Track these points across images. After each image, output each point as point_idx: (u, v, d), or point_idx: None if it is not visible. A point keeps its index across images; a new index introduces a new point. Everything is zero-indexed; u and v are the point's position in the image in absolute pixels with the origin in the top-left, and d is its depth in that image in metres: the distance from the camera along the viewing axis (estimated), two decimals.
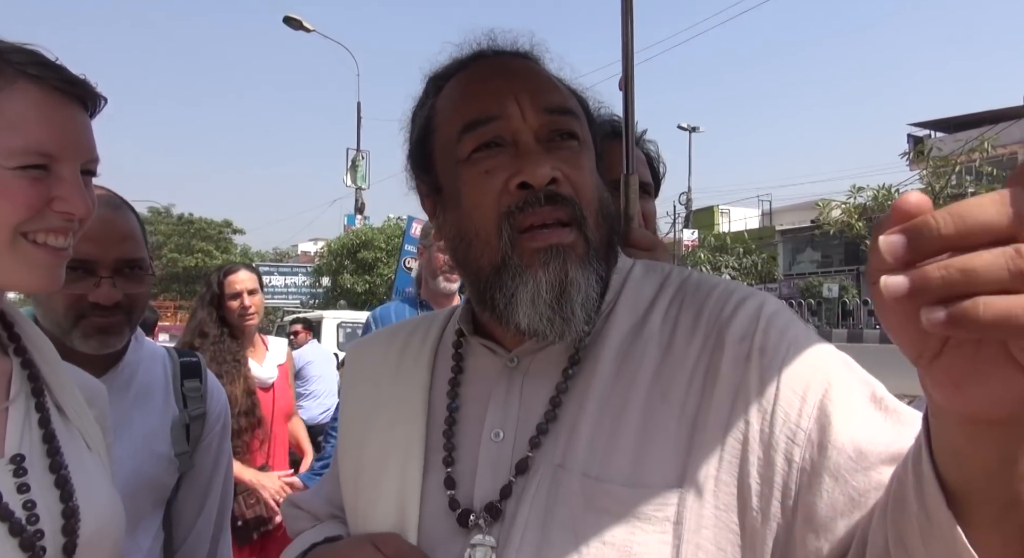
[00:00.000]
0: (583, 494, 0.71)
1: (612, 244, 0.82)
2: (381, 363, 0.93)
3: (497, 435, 0.79)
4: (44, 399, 0.89)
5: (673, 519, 0.68)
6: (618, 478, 0.71)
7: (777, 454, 0.68)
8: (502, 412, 0.80)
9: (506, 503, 0.75)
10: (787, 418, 0.69)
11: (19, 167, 0.80)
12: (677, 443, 0.71)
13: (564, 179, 0.76)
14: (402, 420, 0.85)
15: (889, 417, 0.69)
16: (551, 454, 0.75)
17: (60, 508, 0.83)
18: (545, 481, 0.74)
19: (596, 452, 0.73)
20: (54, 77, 0.83)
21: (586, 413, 0.75)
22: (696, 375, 0.74)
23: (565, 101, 0.81)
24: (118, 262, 1.24)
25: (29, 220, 0.81)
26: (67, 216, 0.84)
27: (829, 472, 0.66)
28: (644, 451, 0.71)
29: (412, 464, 0.81)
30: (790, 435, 0.68)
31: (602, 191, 0.80)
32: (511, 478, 0.76)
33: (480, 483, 0.78)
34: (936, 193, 17.15)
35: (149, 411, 1.35)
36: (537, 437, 0.76)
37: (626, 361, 0.77)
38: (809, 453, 0.67)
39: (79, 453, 0.90)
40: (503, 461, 0.78)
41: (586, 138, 0.81)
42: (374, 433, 0.87)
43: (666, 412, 0.73)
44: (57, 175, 0.83)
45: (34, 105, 0.81)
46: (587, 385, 0.77)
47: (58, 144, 0.82)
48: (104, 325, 1.24)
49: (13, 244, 0.81)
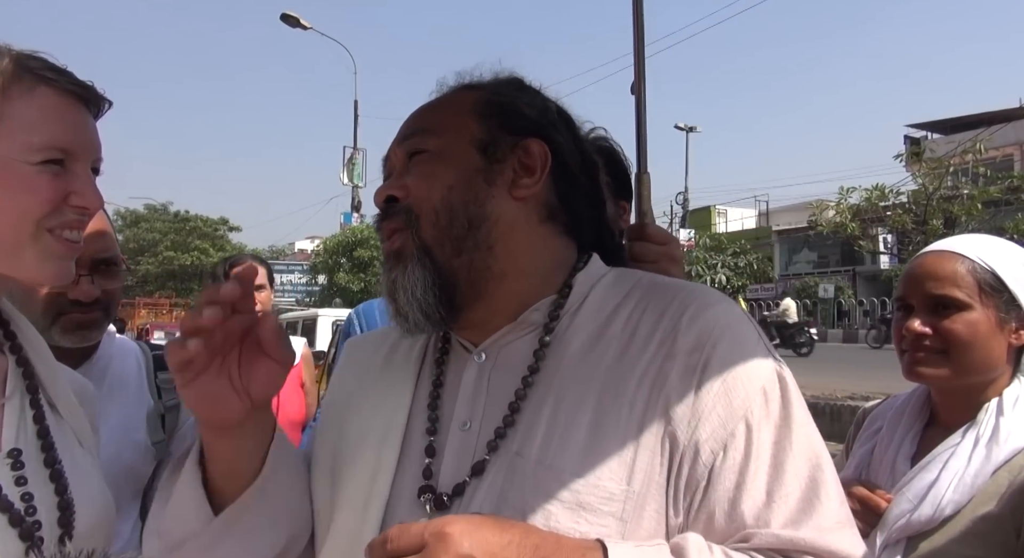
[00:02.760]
0: (535, 480, 0.76)
1: (462, 236, 0.84)
2: (372, 355, 0.98)
3: (465, 425, 0.84)
4: (38, 396, 0.92)
5: (618, 515, 0.74)
6: (568, 468, 0.75)
7: (698, 466, 0.75)
8: (470, 404, 0.86)
9: (467, 488, 0.80)
10: (711, 434, 0.75)
11: (41, 163, 0.85)
12: (625, 441, 0.76)
13: (404, 193, 0.86)
14: (386, 408, 0.90)
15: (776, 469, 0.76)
16: (511, 443, 0.80)
17: (56, 501, 0.86)
18: (503, 468, 0.79)
19: (551, 443, 0.78)
20: (67, 81, 0.89)
21: (545, 407, 0.80)
22: (646, 378, 0.78)
23: (418, 123, 0.91)
24: (95, 260, 1.30)
25: (49, 215, 0.86)
26: (82, 210, 0.88)
27: (737, 494, 0.74)
28: (595, 446, 0.76)
29: (388, 449, 0.86)
30: (713, 451, 0.75)
31: (457, 192, 0.84)
32: (472, 465, 0.80)
33: (446, 469, 0.82)
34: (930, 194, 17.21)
35: (124, 401, 1.40)
36: (502, 428, 0.81)
37: (586, 360, 0.82)
38: (722, 472, 0.75)
39: (72, 449, 0.93)
40: (468, 449, 0.83)
41: (439, 146, 0.87)
42: (357, 418, 0.92)
43: (617, 411, 0.77)
44: (72, 172, 0.88)
45: (52, 107, 0.87)
46: (549, 381, 0.82)
47: (73, 142, 0.88)
48: (84, 321, 1.29)
49: (36, 238, 0.86)
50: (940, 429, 1.26)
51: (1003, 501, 1.12)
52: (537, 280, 0.88)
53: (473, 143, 0.87)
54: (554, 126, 0.90)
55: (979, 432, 1.19)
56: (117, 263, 1.35)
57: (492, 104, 0.89)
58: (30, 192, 0.84)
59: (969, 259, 1.23)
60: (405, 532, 0.64)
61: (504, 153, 0.87)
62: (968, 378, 1.22)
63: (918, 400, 1.33)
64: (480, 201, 0.85)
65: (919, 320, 1.24)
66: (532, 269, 0.87)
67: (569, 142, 0.91)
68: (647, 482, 0.74)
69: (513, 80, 0.94)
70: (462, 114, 0.89)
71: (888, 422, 1.34)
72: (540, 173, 0.87)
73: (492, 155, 0.86)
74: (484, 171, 0.86)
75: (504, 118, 0.88)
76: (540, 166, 0.87)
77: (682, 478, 0.75)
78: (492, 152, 0.86)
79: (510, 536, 0.65)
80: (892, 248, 20.78)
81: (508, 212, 0.86)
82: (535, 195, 0.87)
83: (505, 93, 0.91)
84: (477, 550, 0.63)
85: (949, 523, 1.15)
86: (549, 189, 0.88)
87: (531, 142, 0.87)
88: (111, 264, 1.33)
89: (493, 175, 0.86)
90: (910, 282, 1.28)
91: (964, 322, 1.20)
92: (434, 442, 0.85)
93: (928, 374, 1.24)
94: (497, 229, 0.85)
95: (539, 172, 0.87)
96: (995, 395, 1.21)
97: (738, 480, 0.74)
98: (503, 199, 0.86)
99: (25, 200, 0.84)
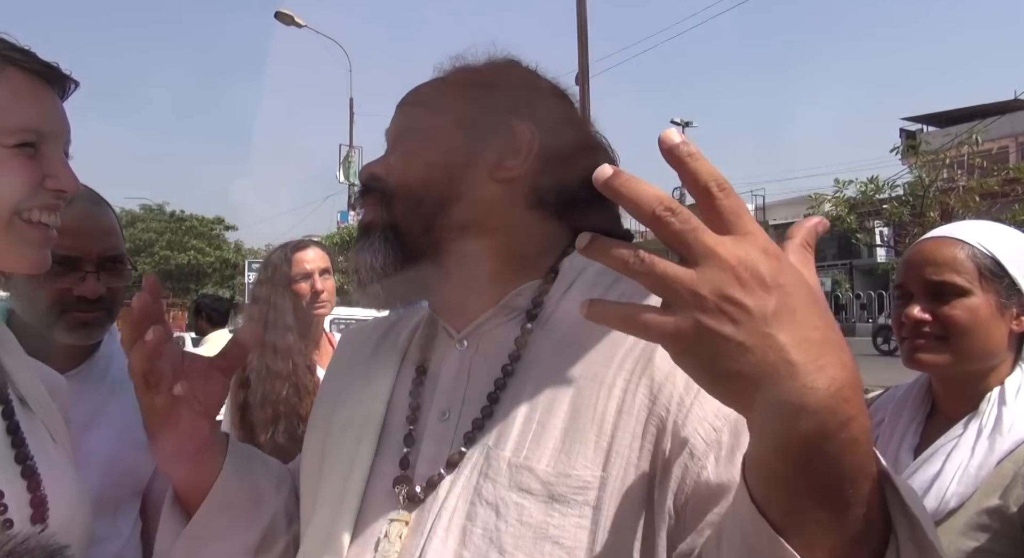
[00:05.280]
0: (509, 474, 0.74)
1: (433, 213, 0.83)
2: (364, 343, 0.98)
3: (444, 415, 0.83)
4: (7, 391, 0.90)
5: (593, 504, 0.70)
6: (542, 461, 0.73)
7: (685, 451, 0.70)
8: (450, 393, 0.84)
9: (442, 481, 0.78)
10: (703, 417, 0.70)
11: (16, 146, 0.83)
12: (603, 425, 0.73)
13: (386, 170, 0.86)
14: (367, 397, 0.88)
15: None
16: (488, 436, 0.78)
17: (28, 498, 0.84)
18: (480, 460, 0.77)
19: (526, 435, 0.75)
20: (35, 63, 0.87)
21: (524, 396, 0.78)
22: (628, 359, 0.75)
23: (408, 100, 0.91)
24: (101, 257, 1.29)
25: (25, 198, 0.84)
26: (59, 193, 0.87)
27: (730, 478, 0.68)
28: (570, 434, 0.74)
29: (366, 440, 0.85)
30: (705, 436, 0.70)
31: (434, 170, 0.84)
32: (448, 457, 0.79)
33: (423, 460, 0.81)
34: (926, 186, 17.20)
35: (125, 400, 1.36)
36: (480, 419, 0.79)
37: (569, 347, 0.79)
38: (715, 455, 0.69)
39: (44, 445, 0.91)
40: (446, 440, 0.81)
41: (423, 124, 0.87)
42: (341, 410, 0.91)
43: (595, 394, 0.75)
44: (45, 154, 0.86)
45: (22, 89, 0.85)
46: (529, 369, 0.80)
47: (45, 124, 0.86)
48: (88, 319, 1.29)
49: (10, 223, 0.84)
50: (942, 419, 1.25)
51: (1008, 493, 1.11)
52: (520, 264, 0.85)
53: (457, 122, 0.85)
54: (546, 108, 0.87)
55: (982, 422, 1.18)
56: (123, 261, 1.35)
57: (478, 83, 0.88)
58: (6, 175, 0.82)
59: (969, 244, 1.22)
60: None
61: (488, 133, 0.84)
62: (969, 364, 1.21)
63: (919, 391, 1.32)
64: (456, 180, 0.83)
65: (918, 306, 1.23)
66: (514, 253, 0.85)
67: (564, 125, 0.88)
68: (626, 466, 0.71)
69: (506, 61, 0.92)
70: (448, 93, 0.88)
71: (890, 414, 1.33)
72: (525, 156, 0.84)
73: (475, 135, 0.85)
74: (465, 151, 0.84)
75: (490, 98, 0.86)
76: (526, 149, 0.84)
77: (671, 464, 0.70)
78: (475, 132, 0.85)
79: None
80: (889, 241, 20.78)
81: (487, 194, 0.83)
82: (520, 178, 0.84)
83: (493, 72, 0.89)
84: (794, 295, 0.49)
85: (954, 516, 1.14)
86: (539, 173, 0.84)
87: (517, 123, 0.84)
88: (117, 262, 1.33)
89: (474, 156, 0.84)
90: (909, 268, 1.27)
91: (964, 308, 1.19)
92: (413, 431, 0.84)
93: (928, 361, 1.22)
94: (473, 210, 0.83)
95: (524, 154, 0.84)
96: (997, 384, 1.21)
97: (731, 466, 0.69)
98: (483, 180, 0.84)
99: (2, 183, 0.82)
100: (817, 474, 0.50)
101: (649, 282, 0.49)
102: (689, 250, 0.48)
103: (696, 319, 0.47)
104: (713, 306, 0.47)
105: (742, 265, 0.47)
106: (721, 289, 0.47)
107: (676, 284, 0.47)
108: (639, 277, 0.49)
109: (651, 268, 0.48)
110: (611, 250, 0.49)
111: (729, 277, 0.47)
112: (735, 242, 0.48)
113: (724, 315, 0.47)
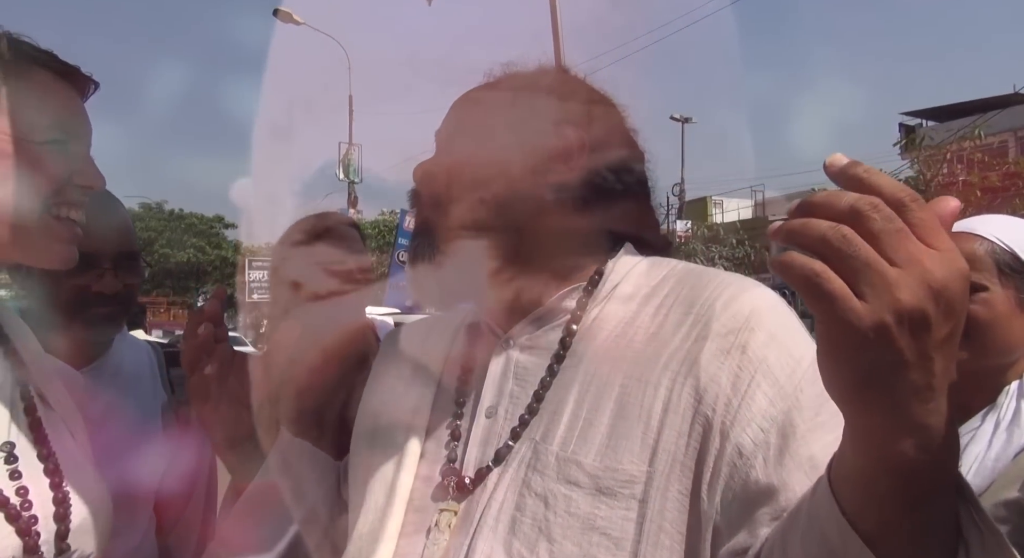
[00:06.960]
0: (556, 467, 0.76)
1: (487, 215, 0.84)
2: (411, 337, 1.01)
3: (491, 412, 0.85)
4: (28, 389, 0.91)
5: (639, 497, 0.72)
6: (589, 455, 0.75)
7: (733, 450, 0.72)
8: (497, 391, 0.86)
9: (490, 473, 0.80)
10: (751, 418, 0.72)
11: (47, 142, 0.86)
12: (649, 422, 0.75)
13: (438, 169, 0.89)
14: (416, 394, 0.91)
15: None
16: (534, 431, 0.80)
17: (51, 495, 0.85)
18: (528, 454, 0.79)
19: (573, 431, 0.78)
20: (59, 64, 0.91)
21: (570, 395, 0.80)
22: (674, 359, 0.77)
23: (460, 104, 0.93)
24: (118, 254, 1.32)
25: (54, 194, 0.86)
26: (86, 189, 0.89)
27: (780, 479, 0.69)
28: (617, 431, 0.76)
29: (414, 434, 0.87)
30: (753, 436, 0.71)
31: (487, 173, 0.85)
32: (496, 451, 0.81)
33: (470, 455, 0.83)
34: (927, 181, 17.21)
35: (138, 396, 1.42)
36: (526, 416, 0.82)
37: (614, 348, 0.81)
38: (763, 456, 0.71)
39: (64, 441, 0.92)
40: (492, 436, 0.83)
41: (476, 128, 0.89)
42: (390, 404, 0.93)
43: (641, 392, 0.76)
44: (71, 151, 0.89)
45: (50, 88, 0.89)
46: (575, 369, 0.82)
47: (72, 121, 0.90)
48: (106, 314, 1.31)
49: (40, 220, 0.86)
50: (960, 413, 1.26)
51: None
52: (567, 267, 0.87)
53: (508, 126, 0.87)
54: (595, 115, 0.90)
55: (1000, 415, 1.18)
56: (138, 259, 1.38)
57: (528, 88, 0.90)
58: (37, 171, 0.84)
59: (987, 240, 1.22)
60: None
61: (538, 138, 0.86)
62: (987, 360, 1.21)
63: None
64: (507, 184, 0.85)
65: None
66: (561, 255, 0.87)
67: (613, 132, 0.90)
68: (671, 462, 0.73)
69: (555, 68, 0.94)
70: (500, 97, 0.90)
71: None
72: (575, 161, 0.86)
73: (525, 139, 0.86)
74: (515, 155, 0.86)
75: (540, 103, 0.88)
76: (575, 154, 0.86)
77: (720, 462, 0.72)
78: (526, 136, 0.86)
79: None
80: None
81: (537, 198, 0.85)
82: (569, 183, 0.86)
83: (544, 78, 0.91)
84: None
85: None
86: (587, 178, 0.86)
87: (567, 129, 0.86)
88: (132, 259, 1.36)
89: (524, 160, 0.86)
90: None
91: (982, 303, 1.19)
92: (460, 427, 0.86)
93: None
94: (522, 213, 0.85)
95: (574, 160, 0.86)
96: (1015, 378, 1.21)
97: (780, 467, 0.71)
98: (533, 184, 0.85)
99: (34, 178, 0.84)
100: (919, 491, 0.52)
101: (847, 265, 0.46)
102: (894, 253, 0.46)
103: (883, 319, 0.46)
104: (905, 313, 0.46)
105: (942, 285, 0.47)
106: (918, 302, 0.46)
107: (878, 277, 0.46)
108: (838, 256, 0.46)
109: (857, 250, 0.46)
110: (808, 227, 0.48)
111: (928, 294, 0.46)
112: (939, 259, 0.47)
113: (907, 326, 0.46)
